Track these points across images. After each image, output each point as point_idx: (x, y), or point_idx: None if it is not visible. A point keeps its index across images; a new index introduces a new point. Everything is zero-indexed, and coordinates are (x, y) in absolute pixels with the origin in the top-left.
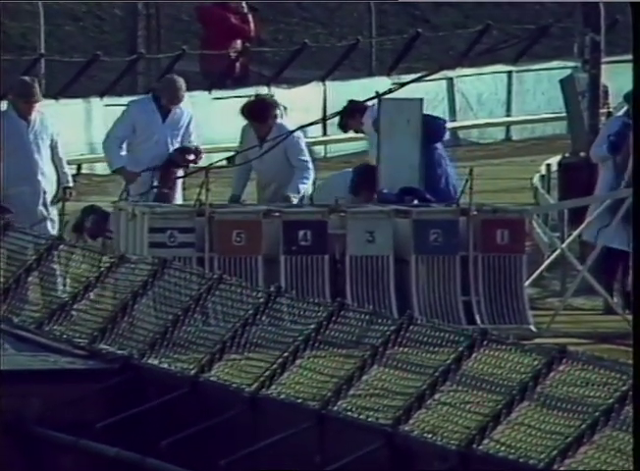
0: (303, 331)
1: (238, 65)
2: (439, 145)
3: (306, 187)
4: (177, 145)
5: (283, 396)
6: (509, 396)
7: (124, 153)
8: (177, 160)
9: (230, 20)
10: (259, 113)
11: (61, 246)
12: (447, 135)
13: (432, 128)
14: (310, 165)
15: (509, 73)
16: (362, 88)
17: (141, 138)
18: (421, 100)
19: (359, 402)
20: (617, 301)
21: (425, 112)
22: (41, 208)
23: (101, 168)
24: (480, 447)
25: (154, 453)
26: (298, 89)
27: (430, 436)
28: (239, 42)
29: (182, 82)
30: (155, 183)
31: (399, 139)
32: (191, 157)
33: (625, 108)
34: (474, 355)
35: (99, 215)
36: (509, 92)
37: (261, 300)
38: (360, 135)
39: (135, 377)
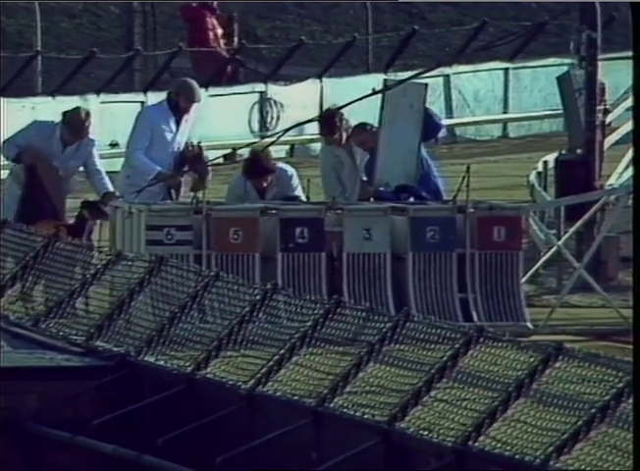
0: (300, 328)
1: (229, 63)
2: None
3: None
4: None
5: (279, 394)
6: (505, 393)
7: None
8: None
9: (206, 20)
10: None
11: (57, 244)
12: (443, 132)
13: (429, 126)
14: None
15: (506, 70)
16: (359, 85)
17: (157, 146)
18: (426, 85)
19: (355, 399)
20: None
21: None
22: None
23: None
24: (476, 444)
25: (151, 450)
26: (295, 86)
27: (426, 433)
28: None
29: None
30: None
31: (400, 124)
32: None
33: None
34: (470, 352)
35: None
36: (506, 89)
37: (258, 298)
38: None
39: (132, 374)
